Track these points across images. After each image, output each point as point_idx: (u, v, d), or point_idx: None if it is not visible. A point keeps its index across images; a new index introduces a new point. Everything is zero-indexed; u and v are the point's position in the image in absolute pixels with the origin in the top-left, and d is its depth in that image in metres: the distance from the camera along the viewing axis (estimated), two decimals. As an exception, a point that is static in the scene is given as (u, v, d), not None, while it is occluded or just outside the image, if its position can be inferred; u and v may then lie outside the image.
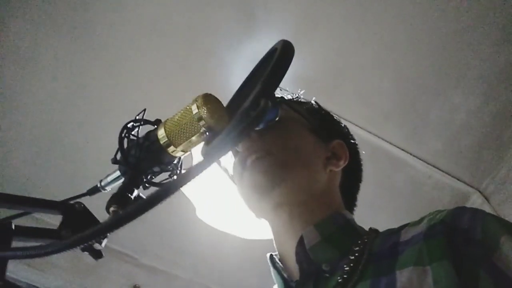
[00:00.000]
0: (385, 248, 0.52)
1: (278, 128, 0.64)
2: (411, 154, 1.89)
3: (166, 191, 0.36)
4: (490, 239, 0.44)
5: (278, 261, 0.61)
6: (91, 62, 1.64)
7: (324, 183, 0.64)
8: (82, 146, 1.83)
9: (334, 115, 0.76)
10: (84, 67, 1.65)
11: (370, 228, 0.60)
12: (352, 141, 0.73)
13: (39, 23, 1.53)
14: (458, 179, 1.95)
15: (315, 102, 0.74)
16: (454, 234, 0.45)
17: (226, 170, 0.71)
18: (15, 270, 2.01)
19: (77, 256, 2.04)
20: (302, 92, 0.78)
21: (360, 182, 0.73)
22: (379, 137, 1.82)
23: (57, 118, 1.77)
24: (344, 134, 0.73)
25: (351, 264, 0.52)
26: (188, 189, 1.35)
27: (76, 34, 1.57)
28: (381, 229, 0.61)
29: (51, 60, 1.62)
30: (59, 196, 0.53)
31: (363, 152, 0.77)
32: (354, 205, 0.71)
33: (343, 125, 0.74)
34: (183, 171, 0.53)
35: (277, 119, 0.63)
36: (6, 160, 1.86)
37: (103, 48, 1.61)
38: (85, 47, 1.60)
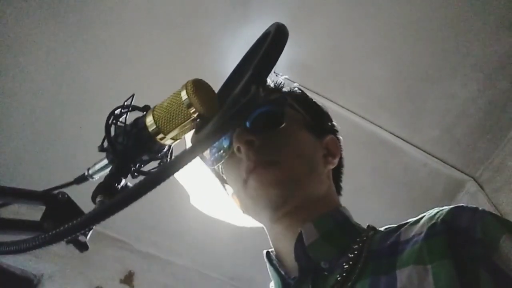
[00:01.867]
0: (385, 246, 0.52)
1: (282, 132, 0.60)
2: (406, 141, 1.88)
3: (153, 180, 0.34)
4: (490, 239, 0.43)
5: (274, 258, 0.60)
6: (85, 48, 1.60)
7: (326, 183, 0.63)
8: (75, 132, 1.80)
9: (314, 98, 0.72)
10: (75, 53, 1.61)
11: (368, 226, 0.59)
12: (334, 124, 0.71)
13: (35, 9, 1.49)
14: (453, 167, 1.96)
15: (300, 90, 0.71)
16: (455, 234, 0.45)
17: (213, 170, 0.68)
18: (9, 256, 2.01)
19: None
20: (297, 80, 0.74)
21: (343, 167, 0.71)
22: (375, 124, 1.81)
23: (49, 104, 1.74)
24: (329, 120, 0.71)
25: (350, 262, 0.51)
26: (182, 177, 1.34)
27: (70, 21, 1.53)
28: (376, 218, 0.60)
29: (41, 47, 1.59)
30: (51, 184, 0.51)
31: (358, 139, 0.76)
32: (339, 194, 0.70)
33: (324, 110, 0.71)
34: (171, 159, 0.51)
35: (281, 126, 0.59)
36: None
37: (97, 34, 1.58)
38: (79, 34, 1.57)
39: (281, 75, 0.80)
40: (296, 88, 0.71)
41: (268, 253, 0.61)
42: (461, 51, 1.64)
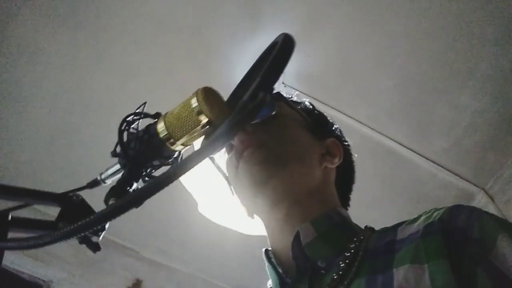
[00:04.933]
0: (381, 245, 0.52)
1: (274, 122, 0.63)
2: (415, 152, 1.88)
3: (162, 181, 0.35)
4: (487, 238, 0.43)
5: (272, 256, 0.61)
6: (96, 55, 1.64)
7: (320, 179, 0.63)
8: (88, 138, 1.83)
9: (328, 116, 0.75)
10: (88, 61, 1.65)
11: (366, 226, 0.60)
12: (346, 142, 0.73)
13: (46, 17, 1.54)
14: (463, 178, 1.94)
15: (309, 103, 0.74)
16: (451, 233, 0.45)
17: (220, 170, 0.70)
18: (19, 262, 2.03)
19: (80, 249, 2.05)
20: (296, 93, 0.77)
21: (353, 184, 0.72)
22: (383, 134, 1.81)
23: (62, 111, 1.78)
24: (338, 135, 0.72)
25: (347, 261, 0.52)
26: (190, 185, 1.35)
27: (81, 28, 1.57)
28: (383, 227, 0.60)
29: (56, 53, 1.63)
30: (63, 188, 0.53)
31: (367, 150, 0.77)
32: (348, 205, 0.70)
33: (337, 127, 0.74)
34: (180, 161, 0.52)
35: (274, 113, 0.63)
36: (12, 151, 1.87)
37: (108, 42, 1.61)
38: (90, 41, 1.61)
39: (290, 86, 0.82)
40: (304, 100, 0.74)
41: (266, 251, 0.62)
42: (470, 63, 1.64)
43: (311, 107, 0.73)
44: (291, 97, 0.73)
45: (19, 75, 1.66)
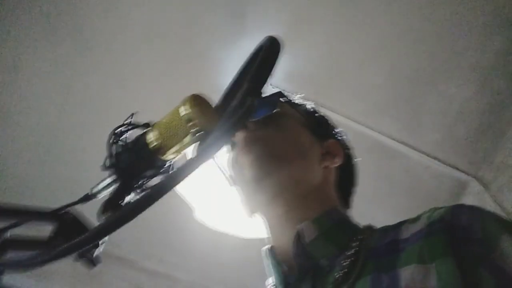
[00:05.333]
0: (384, 244, 0.52)
1: (275, 120, 0.64)
2: (408, 145, 1.89)
3: (154, 194, 0.35)
4: (489, 238, 0.44)
5: (273, 255, 0.61)
6: (85, 65, 1.63)
7: (320, 178, 0.64)
8: (80, 150, 1.82)
9: (328, 117, 0.76)
10: (77, 70, 1.64)
11: (366, 225, 0.60)
12: (347, 145, 0.73)
13: (36, 27, 1.52)
14: (456, 168, 1.95)
15: (311, 105, 0.75)
16: (454, 232, 0.45)
17: (222, 169, 0.70)
18: (17, 277, 2.00)
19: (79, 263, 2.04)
20: (296, 91, 0.78)
21: (354, 187, 0.73)
22: (375, 130, 1.82)
23: (53, 122, 1.76)
24: (339, 137, 0.73)
25: (349, 260, 0.52)
26: (185, 191, 1.35)
27: (64, 41, 1.56)
28: (380, 222, 0.60)
29: (46, 63, 1.61)
30: (58, 202, 0.52)
31: (360, 146, 0.77)
32: (348, 207, 0.71)
33: (339, 130, 0.75)
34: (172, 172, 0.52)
35: (275, 111, 0.64)
36: (5, 164, 1.85)
37: (97, 50, 1.60)
38: (79, 50, 1.59)
39: (277, 87, 0.83)
40: (306, 102, 0.76)
41: (269, 249, 0.62)
42: (456, 52, 1.66)
43: (312, 109, 0.74)
44: (294, 98, 0.74)
45: (2, 89, 1.65)
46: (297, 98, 0.75)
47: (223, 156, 0.69)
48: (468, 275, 0.42)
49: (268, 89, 0.73)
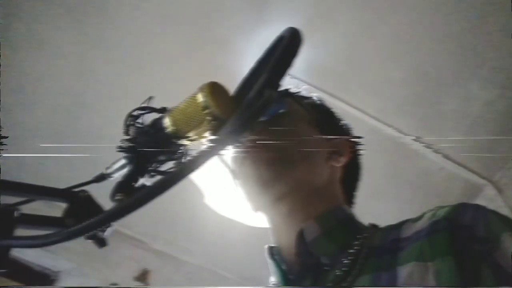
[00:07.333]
0: (386, 243, 0.52)
1: (281, 120, 0.63)
2: (424, 144, 1.86)
3: (170, 179, 0.36)
4: (492, 236, 0.43)
5: (276, 253, 0.61)
6: (102, 50, 1.64)
7: (326, 177, 0.63)
8: (96, 131, 1.84)
9: (337, 110, 0.74)
10: (94, 55, 1.65)
11: (370, 224, 0.60)
12: (353, 139, 0.72)
13: (54, 7, 1.53)
14: (471, 171, 1.93)
15: (318, 97, 0.73)
16: (457, 231, 0.45)
17: (227, 164, 0.70)
18: (27, 251, 2.05)
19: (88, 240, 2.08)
20: (304, 86, 0.76)
21: (359, 181, 0.72)
22: (392, 127, 1.80)
23: (69, 103, 1.78)
24: (346, 133, 0.72)
25: (351, 258, 0.52)
26: (196, 177, 1.36)
27: (86, 22, 1.57)
28: (391, 220, 0.60)
29: (64, 45, 1.63)
30: (68, 183, 0.53)
31: (374, 142, 0.76)
32: (352, 202, 0.70)
33: (345, 123, 0.73)
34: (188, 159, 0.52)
35: (281, 111, 0.63)
36: (21, 144, 1.88)
37: (116, 34, 1.61)
38: (98, 33, 1.60)
39: (297, 79, 0.82)
40: (312, 94, 0.74)
41: (270, 248, 0.62)
42: (479, 53, 1.62)
43: (319, 102, 0.72)
44: (299, 91, 0.72)
45: (26, 68, 1.67)
46: (303, 90, 0.73)
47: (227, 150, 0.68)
48: (469, 273, 0.41)
49: (287, 81, 0.72)
